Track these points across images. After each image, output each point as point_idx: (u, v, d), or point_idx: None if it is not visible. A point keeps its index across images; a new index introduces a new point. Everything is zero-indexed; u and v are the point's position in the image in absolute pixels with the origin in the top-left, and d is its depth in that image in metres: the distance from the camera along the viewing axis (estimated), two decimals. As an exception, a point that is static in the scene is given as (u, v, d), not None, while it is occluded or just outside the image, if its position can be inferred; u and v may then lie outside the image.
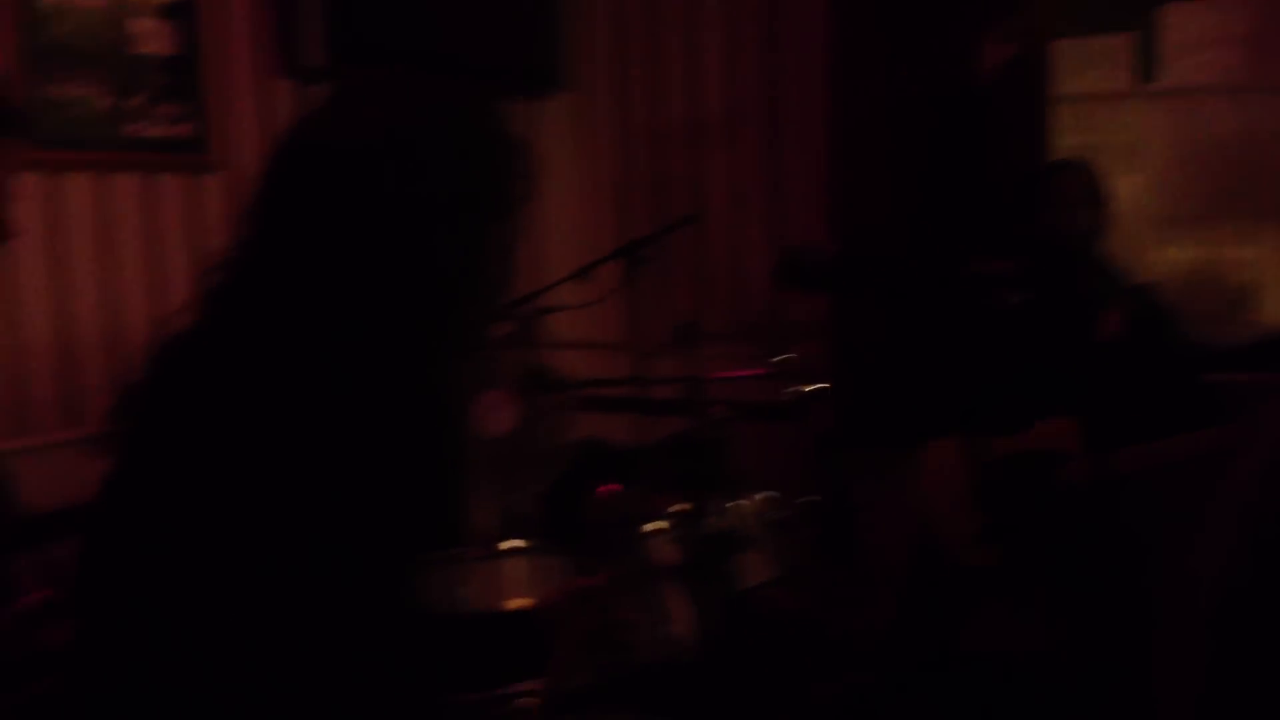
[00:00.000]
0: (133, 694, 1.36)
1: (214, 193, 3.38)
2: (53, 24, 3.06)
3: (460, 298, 1.44)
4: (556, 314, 3.66)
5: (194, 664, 1.32)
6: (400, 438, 1.46)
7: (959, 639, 3.07)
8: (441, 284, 1.42)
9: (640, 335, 3.73)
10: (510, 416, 2.85)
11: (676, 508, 2.58)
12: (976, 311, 2.97)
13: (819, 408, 2.96)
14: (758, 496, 2.74)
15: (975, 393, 3.01)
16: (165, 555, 1.33)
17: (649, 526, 2.54)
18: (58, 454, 2.85)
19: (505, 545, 2.40)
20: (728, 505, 2.55)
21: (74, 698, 1.49)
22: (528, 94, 4.34)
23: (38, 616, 1.72)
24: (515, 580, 2.36)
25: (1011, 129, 3.60)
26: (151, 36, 3.28)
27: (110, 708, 1.38)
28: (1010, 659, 2.87)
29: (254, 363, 1.36)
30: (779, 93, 4.15)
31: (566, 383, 3.20)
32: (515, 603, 2.32)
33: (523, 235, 1.51)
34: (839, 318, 3.86)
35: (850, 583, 2.74)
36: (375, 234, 1.38)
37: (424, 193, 1.39)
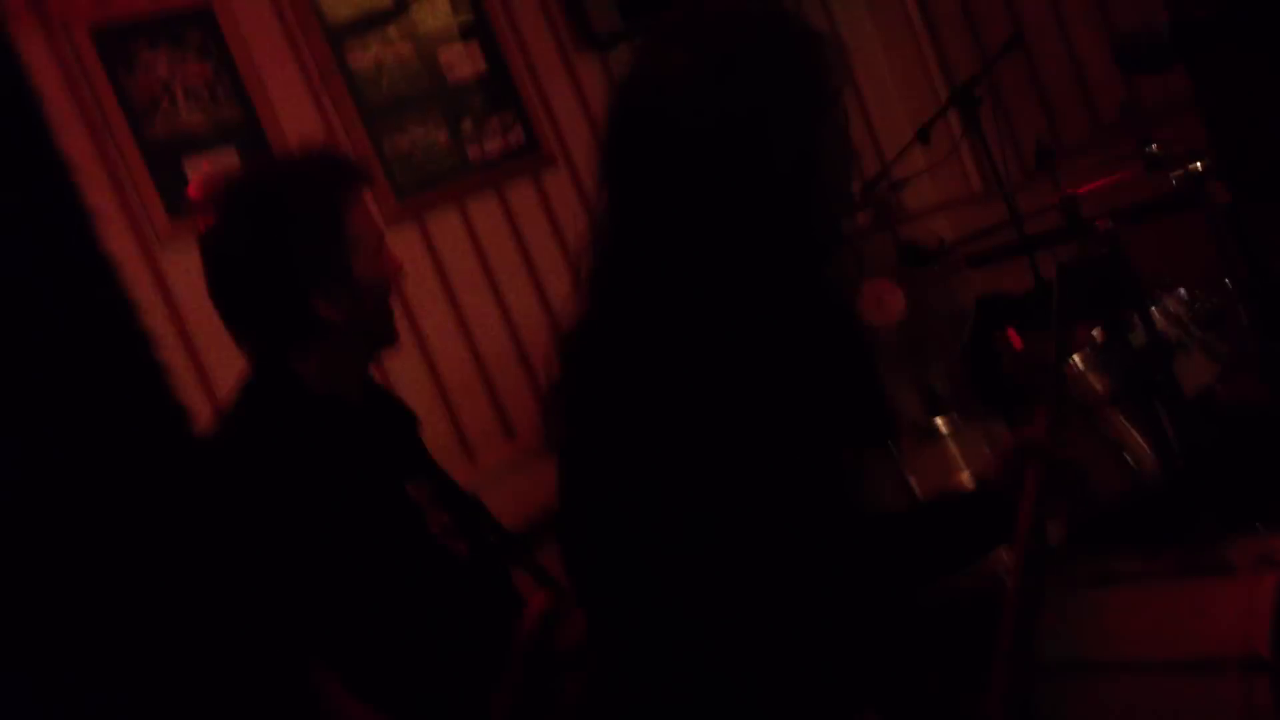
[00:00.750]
0: (635, 668, 1.46)
1: (560, 183, 3.56)
2: (376, 83, 3.30)
3: (811, 198, 1.45)
4: (912, 184, 3.62)
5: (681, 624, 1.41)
6: (809, 349, 1.49)
7: None
8: (790, 190, 1.43)
9: (1001, 176, 3.63)
10: (898, 301, 2.85)
11: (1094, 335, 2.51)
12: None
13: (1210, 185, 2.79)
14: (1174, 297, 2.63)
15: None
16: (632, 534, 1.42)
17: (1072, 362, 2.50)
18: (504, 475, 3.08)
19: (939, 423, 2.43)
20: (1145, 317, 2.46)
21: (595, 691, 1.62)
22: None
23: (548, 621, 1.86)
24: (960, 454, 2.38)
25: None
26: (459, 61, 3.47)
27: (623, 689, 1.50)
28: None
29: (646, 327, 1.42)
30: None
31: (944, 249, 3.17)
32: (964, 476, 2.35)
33: (848, 121, 1.52)
34: (1207, 84, 3.61)
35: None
36: (715, 164, 1.41)
37: (748, 111, 1.41)
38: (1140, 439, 2.38)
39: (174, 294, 2.83)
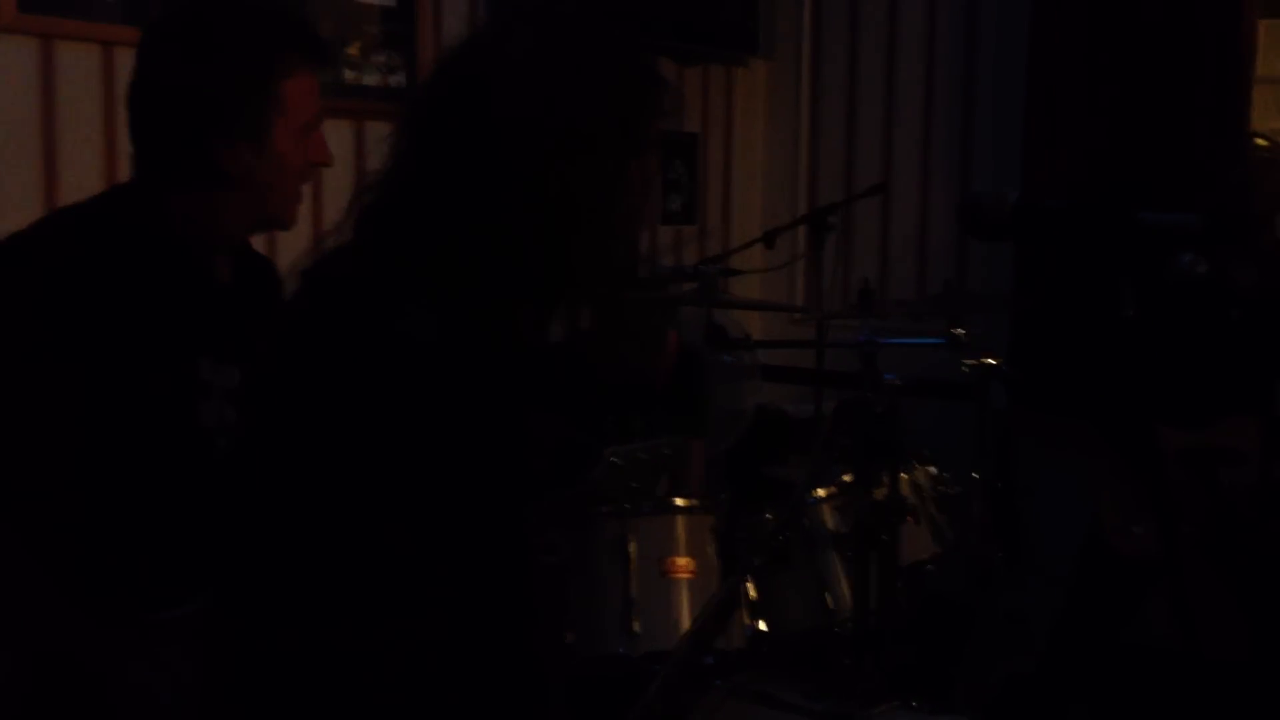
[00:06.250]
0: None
1: (420, 141, 3.53)
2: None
3: (594, 224, 1.44)
4: (741, 276, 3.73)
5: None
6: (533, 367, 1.50)
7: (1122, 631, 3.04)
8: (577, 209, 1.42)
9: (822, 301, 3.77)
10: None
11: (844, 476, 2.62)
12: (1158, 275, 2.88)
13: (994, 383, 2.96)
14: (925, 470, 2.76)
15: (1153, 375, 2.92)
16: (297, 472, 1.40)
17: (816, 494, 2.60)
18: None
19: (676, 500, 2.49)
20: (894, 478, 2.57)
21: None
22: (725, 59, 4.38)
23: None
24: (685, 539, 2.44)
25: (1210, 105, 3.55)
26: (373, -13, 3.42)
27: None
28: (1176, 654, 2.83)
29: (392, 283, 1.40)
30: (977, 61, 4.12)
31: (748, 344, 3.26)
32: (682, 561, 2.41)
33: (654, 178, 1.52)
34: (1021, 288, 3.84)
35: (1014, 565, 2.73)
36: (516, 153, 1.40)
37: (570, 115, 1.41)
38: (846, 587, 2.49)
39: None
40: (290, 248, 2.23)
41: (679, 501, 2.51)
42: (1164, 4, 3.61)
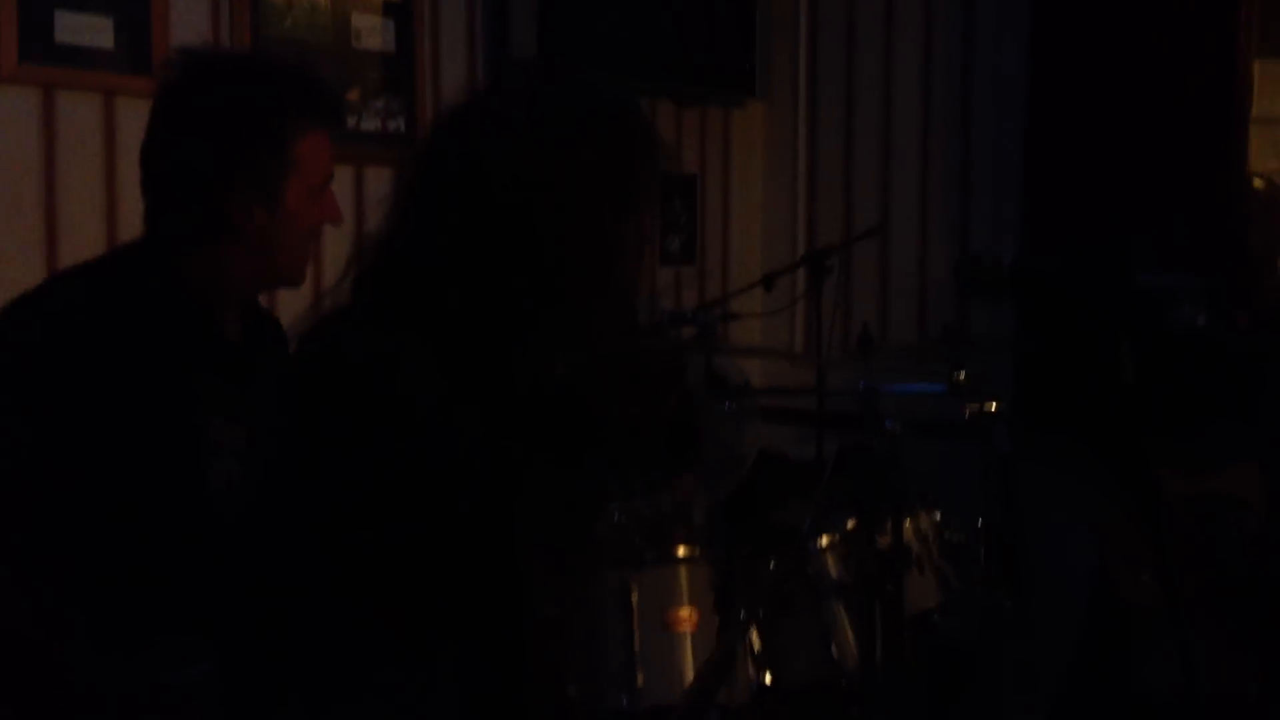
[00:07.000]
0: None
1: (419, 186, 3.52)
2: (281, 19, 3.24)
3: (590, 286, 1.45)
4: (739, 321, 3.72)
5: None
6: (521, 422, 1.48)
7: (1131, 680, 3.02)
8: (569, 273, 1.43)
9: (821, 345, 3.76)
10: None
11: (846, 524, 2.59)
12: (1157, 330, 2.89)
13: (998, 428, 2.94)
14: (930, 516, 2.74)
15: (1155, 424, 2.91)
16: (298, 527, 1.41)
17: (819, 542, 2.57)
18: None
19: (680, 552, 2.46)
20: (897, 524, 2.55)
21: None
22: (723, 100, 4.39)
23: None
24: (687, 588, 2.42)
25: (1207, 147, 3.56)
26: (371, 33, 3.44)
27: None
28: (1183, 704, 2.81)
29: (392, 346, 1.40)
30: (974, 103, 4.13)
31: (746, 390, 3.25)
32: (685, 611, 2.38)
33: (650, 237, 1.53)
34: (1023, 333, 3.83)
35: (1022, 613, 2.71)
36: (507, 218, 1.41)
37: (563, 183, 1.41)
38: (851, 637, 2.46)
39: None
40: (290, 297, 2.24)
41: (681, 552, 2.48)
42: (1161, 46, 3.63)
